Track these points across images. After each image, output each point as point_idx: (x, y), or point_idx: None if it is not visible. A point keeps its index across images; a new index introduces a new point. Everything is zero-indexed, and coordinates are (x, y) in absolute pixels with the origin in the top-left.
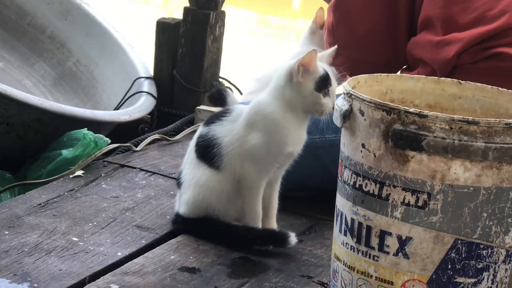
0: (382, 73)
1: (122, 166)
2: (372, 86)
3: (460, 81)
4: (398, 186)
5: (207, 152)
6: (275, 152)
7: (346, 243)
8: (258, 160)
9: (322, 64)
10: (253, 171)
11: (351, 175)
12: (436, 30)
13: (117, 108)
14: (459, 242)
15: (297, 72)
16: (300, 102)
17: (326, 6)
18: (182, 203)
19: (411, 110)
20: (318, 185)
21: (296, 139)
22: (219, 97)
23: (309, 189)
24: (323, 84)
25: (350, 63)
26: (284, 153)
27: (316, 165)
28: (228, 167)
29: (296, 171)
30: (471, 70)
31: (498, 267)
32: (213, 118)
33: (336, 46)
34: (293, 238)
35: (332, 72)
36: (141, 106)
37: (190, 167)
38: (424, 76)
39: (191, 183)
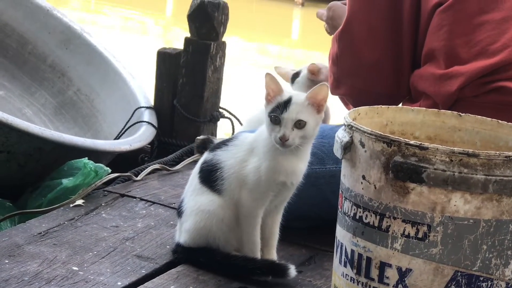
0: (385, 103)
1: (122, 195)
2: (373, 118)
3: (460, 113)
4: (398, 218)
5: (211, 176)
6: (267, 179)
7: (346, 274)
8: (253, 187)
9: (296, 93)
10: (250, 199)
11: (352, 206)
12: (439, 63)
13: (117, 137)
14: (459, 274)
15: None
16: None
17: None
18: (183, 231)
19: (412, 142)
20: (318, 215)
21: (288, 168)
22: (206, 146)
23: (309, 220)
24: (273, 109)
25: (354, 92)
26: (275, 181)
27: (316, 196)
28: (228, 191)
29: (296, 202)
30: (472, 103)
31: None
32: (219, 145)
33: (322, 83)
34: (292, 271)
35: (307, 105)
36: (141, 136)
37: (193, 195)
38: (424, 108)
39: (193, 209)
